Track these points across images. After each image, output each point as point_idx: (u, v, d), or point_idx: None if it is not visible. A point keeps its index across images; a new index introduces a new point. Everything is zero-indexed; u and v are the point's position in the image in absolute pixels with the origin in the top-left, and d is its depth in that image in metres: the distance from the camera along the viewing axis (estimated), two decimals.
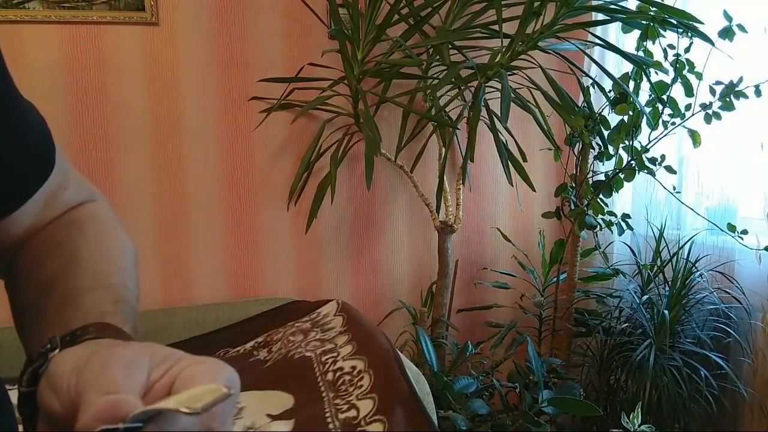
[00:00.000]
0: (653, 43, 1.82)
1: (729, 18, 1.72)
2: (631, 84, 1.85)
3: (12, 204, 0.50)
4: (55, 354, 0.38)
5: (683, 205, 1.98)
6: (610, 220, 1.99)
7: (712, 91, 1.80)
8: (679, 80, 1.80)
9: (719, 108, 1.79)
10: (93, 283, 0.47)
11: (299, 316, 1.70)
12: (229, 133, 1.87)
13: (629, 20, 1.76)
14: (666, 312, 1.80)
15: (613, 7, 1.69)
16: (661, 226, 1.97)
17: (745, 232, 1.82)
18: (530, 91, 1.79)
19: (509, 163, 1.73)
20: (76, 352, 0.37)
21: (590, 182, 1.97)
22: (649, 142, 1.88)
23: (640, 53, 1.83)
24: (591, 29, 1.81)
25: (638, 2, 1.70)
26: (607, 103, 1.88)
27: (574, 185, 1.99)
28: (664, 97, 1.83)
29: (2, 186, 0.48)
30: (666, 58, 1.79)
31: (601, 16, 1.74)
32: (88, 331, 0.41)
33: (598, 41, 1.77)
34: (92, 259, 0.50)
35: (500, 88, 1.54)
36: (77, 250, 0.50)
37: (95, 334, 0.41)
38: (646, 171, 1.90)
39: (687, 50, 1.79)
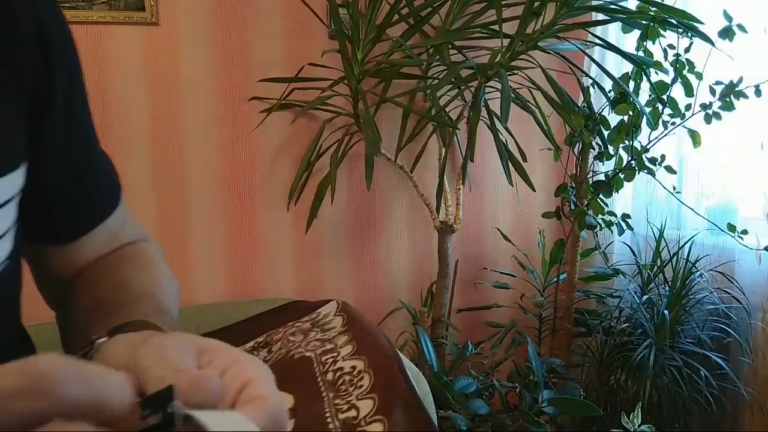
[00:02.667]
0: (653, 43, 1.82)
1: (729, 18, 1.72)
2: (631, 84, 1.85)
3: (75, 232, 0.56)
4: (103, 341, 0.39)
5: (683, 205, 1.98)
6: (610, 220, 1.99)
7: (712, 91, 1.80)
8: (679, 80, 1.80)
9: (719, 108, 1.79)
10: (138, 297, 0.50)
11: (299, 316, 1.70)
12: (229, 133, 1.87)
13: (629, 20, 1.76)
14: (666, 312, 1.80)
15: (613, 7, 1.69)
16: (661, 226, 1.97)
17: (745, 232, 1.82)
18: (530, 91, 1.79)
19: (509, 163, 1.73)
20: (128, 336, 0.38)
21: (590, 182, 1.97)
22: (649, 142, 1.88)
23: (640, 53, 1.83)
24: (591, 29, 1.81)
25: (638, 2, 1.70)
26: (607, 103, 1.88)
27: (574, 185, 1.99)
28: (664, 97, 1.83)
29: (71, 214, 0.55)
30: (666, 58, 1.79)
31: (601, 16, 1.74)
32: (133, 324, 0.43)
33: (598, 41, 1.77)
34: (139, 282, 0.54)
35: (500, 88, 1.54)
36: (127, 276, 0.54)
37: (139, 328, 0.42)
38: (646, 171, 1.90)
39: (687, 50, 1.79)
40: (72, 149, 0.52)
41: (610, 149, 1.93)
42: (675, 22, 1.64)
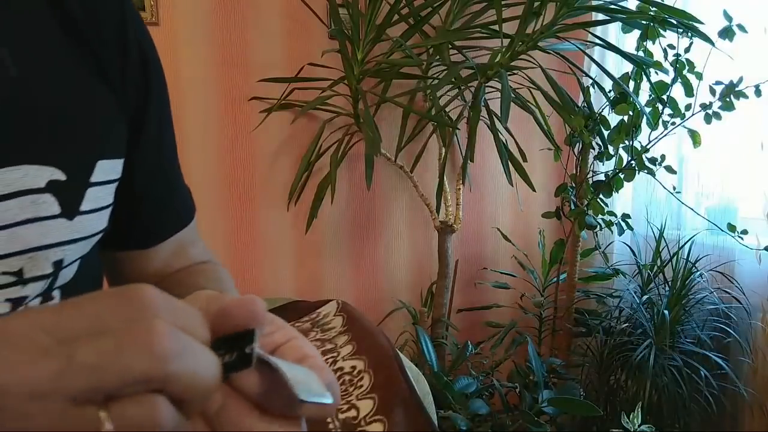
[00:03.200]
0: (653, 43, 1.82)
1: (729, 18, 1.72)
2: (631, 84, 1.85)
3: (150, 239, 0.59)
4: None
5: (683, 205, 1.98)
6: (610, 220, 1.99)
7: (712, 91, 1.80)
8: (679, 80, 1.80)
9: (719, 108, 1.79)
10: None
11: (299, 316, 1.70)
12: (229, 133, 1.87)
13: (629, 20, 1.76)
14: (666, 312, 1.80)
15: (613, 7, 1.69)
16: (661, 226, 1.97)
17: (745, 232, 1.82)
18: (530, 91, 1.79)
19: (509, 163, 1.73)
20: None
21: (590, 182, 1.97)
22: (649, 142, 1.88)
23: (640, 53, 1.83)
24: (591, 29, 1.81)
25: (638, 2, 1.70)
26: (607, 103, 1.88)
27: (574, 185, 1.99)
28: (664, 97, 1.83)
29: (150, 223, 0.59)
30: (666, 58, 1.79)
31: (601, 16, 1.74)
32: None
33: (598, 41, 1.77)
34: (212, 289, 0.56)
35: (500, 88, 1.54)
36: (199, 285, 0.56)
37: None
38: (646, 171, 1.90)
39: (687, 50, 1.79)
40: (159, 165, 0.57)
41: (610, 149, 1.93)
42: (675, 22, 1.64)
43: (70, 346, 0.23)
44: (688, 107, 1.83)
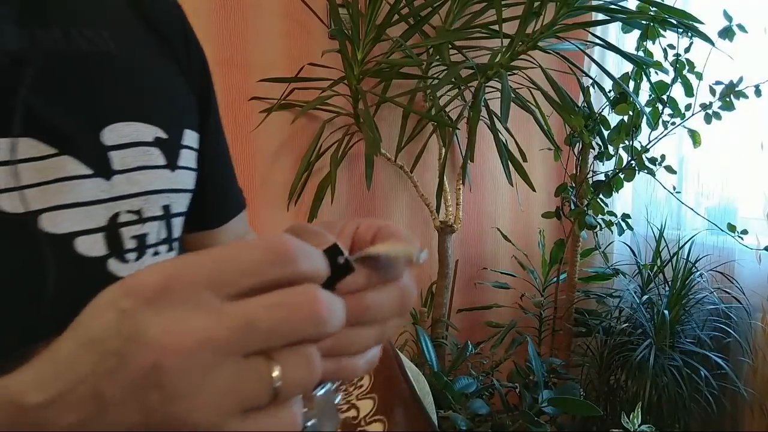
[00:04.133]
0: (653, 43, 1.82)
1: (729, 18, 1.72)
2: (631, 84, 1.85)
3: (216, 218, 0.67)
4: None
5: (683, 205, 1.98)
6: (610, 220, 1.99)
7: (712, 91, 1.80)
8: (679, 80, 1.80)
9: (719, 108, 1.79)
10: None
11: None
12: (229, 133, 1.85)
13: (629, 20, 1.76)
14: (666, 312, 1.80)
15: (613, 7, 1.69)
16: (661, 226, 1.97)
17: (745, 232, 1.82)
18: (530, 91, 1.79)
19: (509, 163, 1.73)
20: None
21: (590, 182, 1.97)
22: (649, 142, 1.88)
23: (640, 53, 1.83)
24: (591, 29, 1.81)
25: (638, 2, 1.70)
26: (607, 103, 1.88)
27: (574, 185, 1.99)
28: (664, 97, 1.83)
29: (216, 204, 0.66)
30: (666, 58, 1.79)
31: (601, 16, 1.74)
32: None
33: (598, 41, 1.77)
34: None
35: (500, 88, 1.54)
36: None
37: None
38: (646, 171, 1.90)
39: (687, 50, 1.79)
40: (219, 151, 0.65)
41: (610, 149, 1.93)
42: (675, 22, 1.64)
43: (239, 307, 0.26)
44: (688, 107, 1.83)
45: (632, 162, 1.89)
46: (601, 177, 1.98)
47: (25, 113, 0.42)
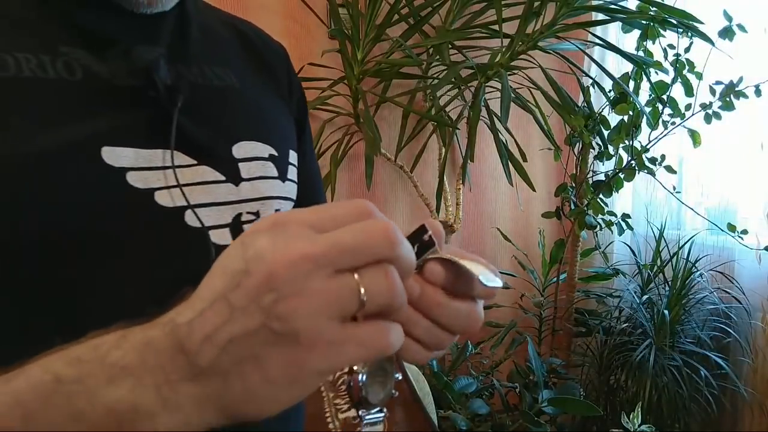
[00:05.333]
0: (653, 43, 1.82)
1: (729, 18, 1.72)
2: (631, 84, 1.85)
3: None
4: None
5: (683, 205, 1.98)
6: (610, 220, 1.99)
7: (712, 91, 1.80)
8: (679, 80, 1.80)
9: (719, 108, 1.79)
10: None
11: None
12: None
13: (629, 20, 1.76)
14: (666, 312, 1.80)
15: (613, 7, 1.69)
16: (661, 226, 1.97)
17: (745, 232, 1.82)
18: (530, 91, 1.79)
19: (509, 163, 1.73)
20: None
21: (590, 182, 1.97)
22: (649, 142, 1.88)
23: (640, 53, 1.83)
24: (591, 29, 1.81)
25: (638, 2, 1.70)
26: (607, 103, 1.88)
27: (574, 185, 1.99)
28: (664, 97, 1.83)
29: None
30: (666, 58, 1.79)
31: (601, 16, 1.74)
32: None
33: (598, 41, 1.77)
34: None
35: (500, 88, 1.54)
36: None
37: None
38: (646, 171, 1.90)
39: (687, 50, 1.79)
40: (311, 173, 0.73)
41: (610, 149, 1.93)
42: (675, 22, 1.64)
43: (330, 234, 0.33)
44: (688, 107, 1.83)
45: (632, 162, 1.89)
46: (601, 177, 1.98)
47: (177, 131, 0.52)
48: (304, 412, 0.70)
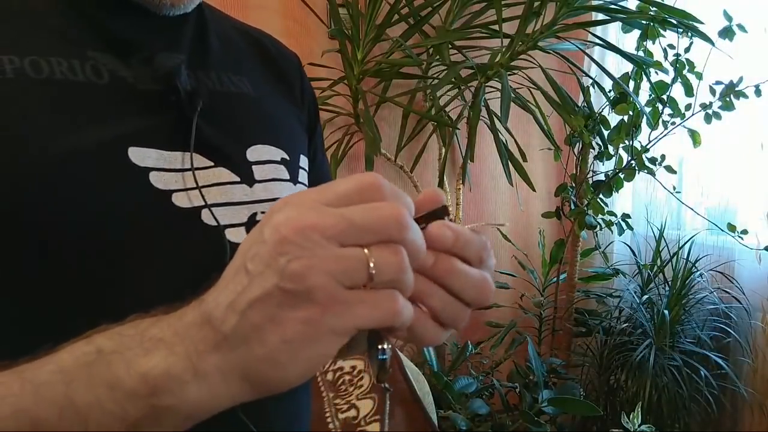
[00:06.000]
0: (653, 43, 1.82)
1: (729, 18, 1.72)
2: (631, 84, 1.85)
3: None
4: None
5: (683, 205, 1.98)
6: (610, 220, 1.99)
7: (712, 91, 1.80)
8: (679, 80, 1.80)
9: (719, 108, 1.79)
10: None
11: None
12: None
13: (629, 20, 1.76)
14: (666, 312, 1.80)
15: (613, 7, 1.69)
16: (661, 226, 1.97)
17: (745, 232, 1.82)
18: (530, 91, 1.79)
19: (509, 163, 1.73)
20: None
21: (590, 182, 1.97)
22: (649, 142, 1.88)
23: (640, 53, 1.83)
24: (591, 29, 1.81)
25: (638, 2, 1.71)
26: (607, 103, 1.88)
27: (574, 185, 1.99)
28: (664, 97, 1.83)
29: None
30: (666, 58, 1.79)
31: (601, 16, 1.74)
32: None
33: (598, 41, 1.77)
34: None
35: (500, 88, 1.54)
36: None
37: None
38: (646, 171, 1.90)
39: (687, 50, 1.79)
40: (321, 171, 0.75)
41: (610, 149, 1.93)
42: (675, 22, 1.64)
43: (342, 209, 0.35)
44: (688, 107, 1.83)
45: (632, 162, 1.89)
46: (601, 177, 1.98)
47: (195, 134, 0.55)
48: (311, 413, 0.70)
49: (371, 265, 0.34)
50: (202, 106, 0.55)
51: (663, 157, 1.89)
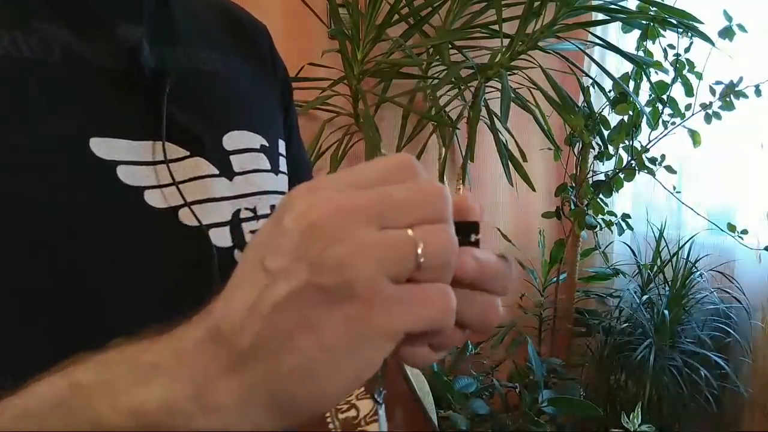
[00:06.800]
0: (653, 43, 1.82)
1: (729, 18, 1.73)
2: (631, 84, 1.85)
3: None
4: None
5: (683, 205, 1.98)
6: (610, 220, 1.99)
7: (712, 91, 1.80)
8: (679, 80, 1.80)
9: (719, 108, 1.79)
10: None
11: None
12: None
13: (629, 20, 1.76)
14: (666, 312, 1.80)
15: (613, 7, 1.69)
16: (661, 226, 1.97)
17: (745, 232, 1.82)
18: (530, 91, 1.79)
19: (509, 163, 1.73)
20: None
21: (590, 182, 1.97)
22: (649, 142, 1.88)
23: (640, 53, 1.83)
24: (591, 29, 1.81)
25: (638, 2, 1.71)
26: (607, 103, 1.88)
27: (574, 185, 1.99)
28: (664, 97, 1.83)
29: None
30: (666, 58, 1.79)
31: (601, 16, 1.74)
32: None
33: (598, 41, 1.77)
34: None
35: (500, 88, 1.54)
36: None
37: None
38: (646, 171, 1.90)
39: (687, 50, 1.79)
40: (300, 157, 0.67)
41: (610, 149, 1.93)
42: (675, 22, 1.64)
43: (376, 188, 0.29)
44: (688, 107, 1.83)
45: (632, 162, 1.90)
46: (601, 177, 1.98)
47: (166, 119, 0.47)
48: None
49: (419, 248, 0.28)
50: (170, 86, 0.48)
51: (663, 157, 1.89)
